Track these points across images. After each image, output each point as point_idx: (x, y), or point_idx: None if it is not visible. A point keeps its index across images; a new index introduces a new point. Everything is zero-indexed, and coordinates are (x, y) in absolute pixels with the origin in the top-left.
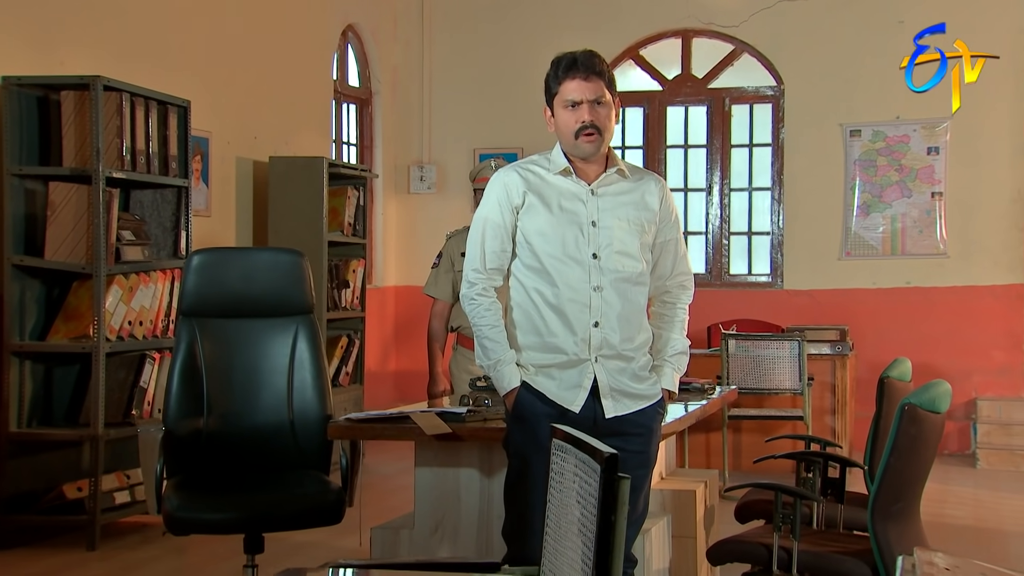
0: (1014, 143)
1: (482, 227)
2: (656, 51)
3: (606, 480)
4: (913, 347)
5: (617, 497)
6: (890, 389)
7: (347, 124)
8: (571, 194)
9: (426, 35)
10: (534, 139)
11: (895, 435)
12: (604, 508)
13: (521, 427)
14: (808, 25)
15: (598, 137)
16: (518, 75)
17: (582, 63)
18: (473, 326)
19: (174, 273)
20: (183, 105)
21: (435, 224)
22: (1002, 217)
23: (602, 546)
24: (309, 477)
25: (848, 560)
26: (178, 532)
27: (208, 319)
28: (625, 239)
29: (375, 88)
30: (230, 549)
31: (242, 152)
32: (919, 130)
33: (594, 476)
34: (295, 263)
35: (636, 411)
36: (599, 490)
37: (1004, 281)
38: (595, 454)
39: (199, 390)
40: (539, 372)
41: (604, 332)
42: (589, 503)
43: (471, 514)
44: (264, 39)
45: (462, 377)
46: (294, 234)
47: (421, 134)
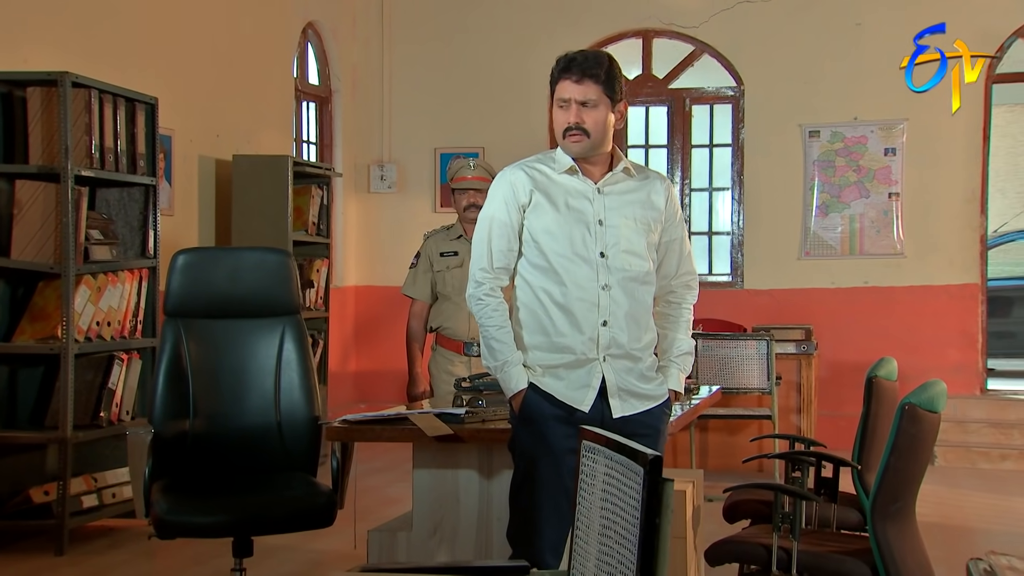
0: (968, 144)
1: (488, 226)
2: (617, 51)
3: (650, 483)
4: (871, 346)
5: (661, 500)
6: (879, 389)
7: (307, 123)
8: (578, 192)
9: (386, 33)
10: (495, 139)
11: (895, 435)
12: (648, 511)
13: (528, 429)
14: (768, 26)
15: (583, 138)
16: (479, 74)
17: (577, 64)
18: (480, 327)
19: (141, 273)
20: (150, 102)
21: (396, 224)
22: (957, 217)
23: (647, 550)
24: (298, 479)
25: (848, 560)
26: (167, 536)
27: (193, 320)
28: (632, 238)
29: (335, 86)
30: (203, 553)
31: (205, 150)
32: (876, 131)
33: (633, 478)
34: (281, 263)
35: (643, 411)
36: (643, 493)
37: (959, 281)
38: (637, 456)
39: (185, 391)
40: (546, 373)
41: (612, 331)
42: (626, 505)
43: (470, 516)
44: (225, 36)
45: (441, 377)
46: (258, 233)
47: (381, 133)
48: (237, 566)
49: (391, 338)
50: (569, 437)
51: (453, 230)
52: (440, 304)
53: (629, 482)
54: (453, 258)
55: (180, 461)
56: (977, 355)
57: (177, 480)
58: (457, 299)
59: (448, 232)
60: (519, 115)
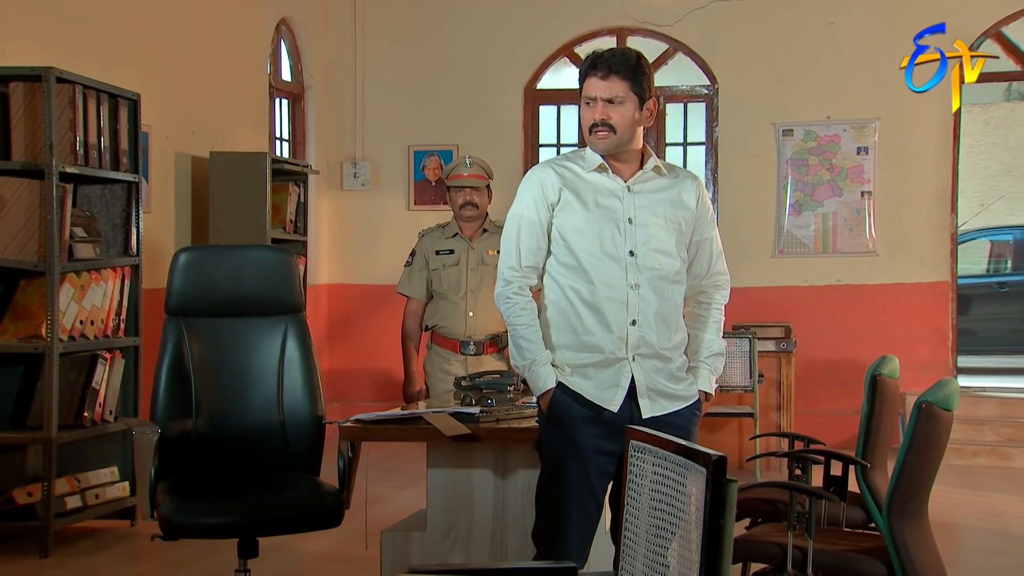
0: (939, 143)
1: (517, 224)
2: (591, 49)
3: (715, 483)
4: (843, 343)
5: (725, 500)
6: (883, 387)
7: (280, 119)
8: (607, 191)
9: (359, 30)
10: (469, 136)
11: (912, 433)
12: (713, 512)
13: (555, 428)
14: (741, 25)
15: (609, 134)
16: (453, 72)
17: (604, 62)
18: (508, 325)
19: (124, 271)
20: (133, 98)
21: (369, 221)
22: (928, 216)
23: (711, 551)
24: (302, 479)
25: (864, 559)
26: (174, 537)
27: (195, 318)
28: (662, 236)
29: (308, 83)
30: (191, 554)
31: (181, 147)
32: (849, 130)
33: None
34: (284, 261)
35: (672, 412)
36: (706, 494)
37: (930, 279)
38: (698, 457)
39: (187, 391)
40: (575, 372)
41: (642, 330)
42: (682, 505)
43: (485, 516)
44: (201, 32)
45: (437, 376)
46: (236, 231)
47: (354, 130)
48: (242, 567)
49: (364, 337)
50: (597, 437)
51: (448, 228)
52: (436, 302)
53: (683, 481)
54: (449, 256)
55: (183, 461)
56: (948, 352)
57: (182, 480)
58: (453, 297)
59: (444, 230)
60: (493, 113)
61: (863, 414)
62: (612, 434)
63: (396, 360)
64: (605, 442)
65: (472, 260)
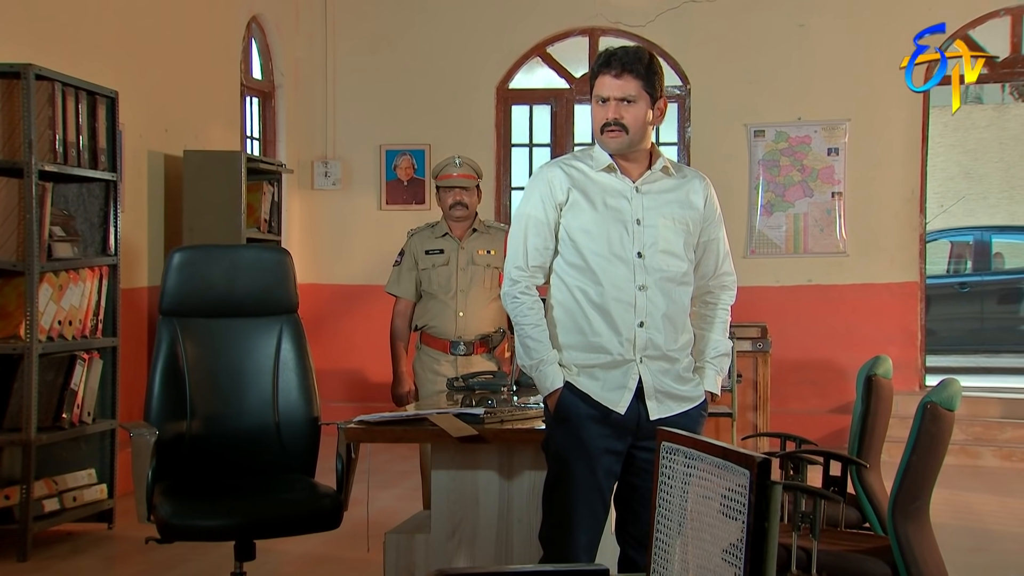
0: (908, 144)
1: (524, 224)
2: (563, 49)
3: (759, 485)
4: (814, 343)
5: (770, 502)
6: (877, 387)
7: (250, 117)
8: (615, 191)
9: (329, 28)
10: (441, 136)
11: (916, 434)
12: (758, 514)
13: (563, 429)
14: (713, 26)
15: (621, 134)
16: (425, 71)
17: (617, 60)
18: (515, 325)
19: (102, 271)
20: (111, 96)
21: (340, 221)
22: (897, 217)
23: (756, 553)
24: (298, 481)
25: (868, 560)
26: (171, 539)
27: (190, 319)
28: (670, 238)
29: (278, 81)
30: (173, 556)
31: (154, 146)
32: (820, 131)
33: (728, 479)
34: (279, 261)
35: (680, 413)
36: (750, 495)
37: (900, 279)
38: (740, 459)
39: (182, 392)
40: (582, 372)
41: (649, 332)
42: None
43: (490, 518)
44: (173, 29)
45: (427, 377)
46: (210, 230)
47: (325, 129)
48: (238, 569)
49: (336, 337)
50: (604, 437)
51: (438, 228)
52: (426, 302)
53: (722, 483)
54: (439, 256)
55: (178, 463)
56: (917, 352)
57: (178, 482)
58: (443, 297)
59: (433, 230)
60: (466, 112)
61: (857, 414)
62: (619, 434)
63: (368, 360)
64: (612, 442)
65: (462, 260)
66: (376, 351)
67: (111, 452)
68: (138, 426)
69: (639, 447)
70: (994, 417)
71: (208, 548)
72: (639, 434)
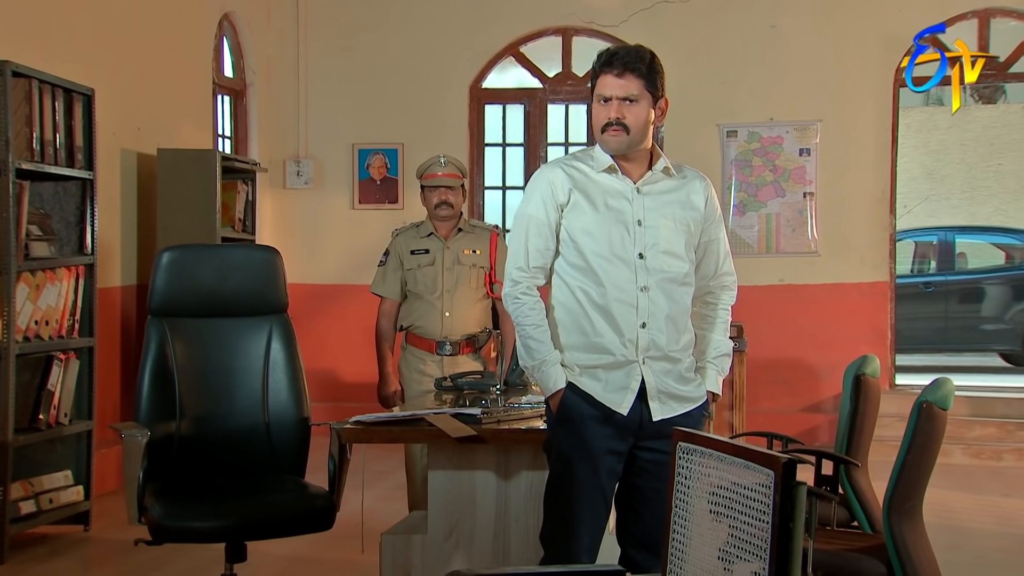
0: (878, 145)
1: (526, 225)
2: (537, 48)
3: (784, 487)
4: (785, 343)
5: (795, 504)
6: (866, 386)
7: (222, 116)
8: (616, 192)
9: (301, 26)
10: (414, 135)
11: (912, 433)
12: (783, 515)
13: (566, 429)
14: (686, 27)
15: (623, 134)
16: (398, 70)
17: (619, 59)
18: (517, 326)
19: (78, 270)
20: (87, 93)
21: (313, 220)
22: (868, 217)
23: (782, 554)
24: (289, 482)
25: (863, 559)
26: (162, 541)
27: (178, 319)
28: (671, 239)
29: (250, 79)
30: (152, 560)
31: (127, 144)
32: (791, 132)
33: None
34: (268, 260)
35: (682, 414)
36: (775, 496)
37: (870, 279)
38: (765, 460)
39: (171, 393)
40: (584, 373)
41: (651, 333)
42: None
43: (487, 518)
44: (145, 26)
45: (412, 377)
46: (185, 230)
47: (297, 127)
48: (228, 571)
49: (308, 337)
50: (607, 437)
51: (423, 227)
52: (411, 303)
53: (744, 484)
54: (424, 256)
55: (168, 464)
56: (887, 351)
57: (168, 484)
58: (429, 297)
59: (418, 230)
60: (439, 112)
61: (846, 414)
62: (621, 434)
63: (341, 360)
64: (615, 442)
65: (448, 260)
66: (349, 351)
67: (87, 453)
68: (129, 427)
69: (641, 447)
70: (963, 416)
71: (188, 550)
72: (641, 435)
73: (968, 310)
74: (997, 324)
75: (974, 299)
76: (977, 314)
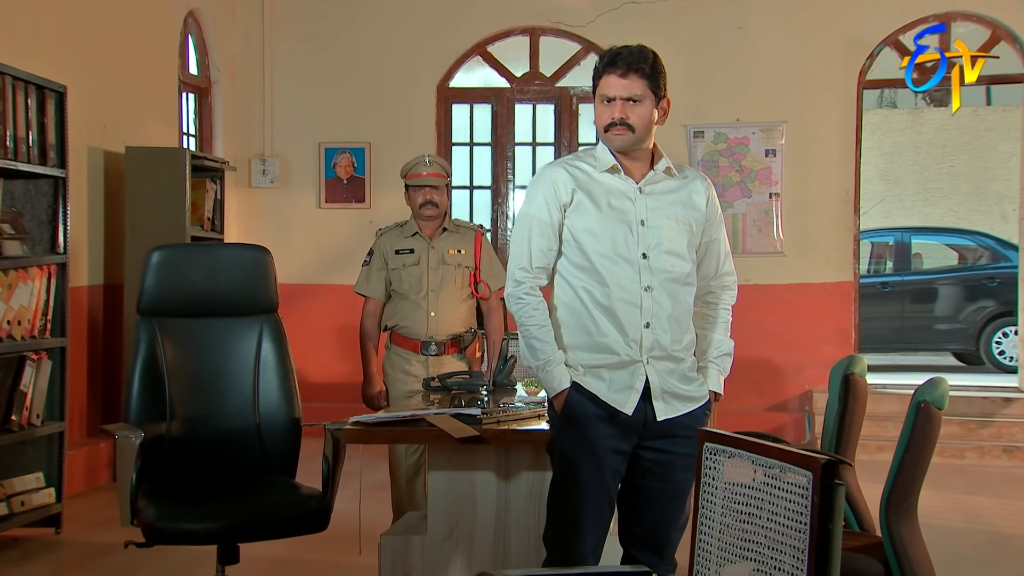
0: (843, 146)
1: (528, 225)
2: (504, 48)
3: (824, 487)
4: (751, 342)
5: (834, 504)
6: (855, 386)
7: (187, 114)
8: (619, 192)
9: (267, 23)
10: (381, 134)
11: (911, 432)
12: (822, 516)
13: (570, 429)
14: (653, 27)
15: (627, 132)
16: (365, 68)
17: (623, 59)
18: (520, 326)
19: (51, 269)
20: (59, 90)
21: (279, 219)
22: (832, 217)
23: (821, 555)
24: (281, 483)
25: (860, 558)
26: (155, 543)
27: (169, 319)
28: (674, 239)
29: (215, 77)
30: (127, 563)
31: (94, 142)
32: (757, 132)
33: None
34: (259, 260)
35: (686, 413)
36: (814, 496)
37: (835, 279)
38: (803, 461)
39: (161, 393)
40: (588, 372)
41: (655, 333)
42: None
43: (487, 519)
44: (111, 22)
45: (397, 377)
46: (154, 229)
47: (263, 126)
48: (220, 573)
49: None
50: (611, 437)
51: (407, 227)
52: (396, 302)
53: (778, 485)
54: (409, 255)
55: (158, 465)
56: (851, 350)
57: (159, 485)
58: (415, 297)
59: (402, 229)
60: (406, 111)
61: (835, 413)
62: (625, 434)
63: (309, 359)
64: (619, 442)
65: (433, 260)
66: (317, 350)
67: (59, 455)
68: (121, 428)
69: (645, 447)
70: None
71: (165, 553)
72: (645, 434)
73: (923, 310)
74: (951, 324)
75: (927, 299)
76: (932, 314)
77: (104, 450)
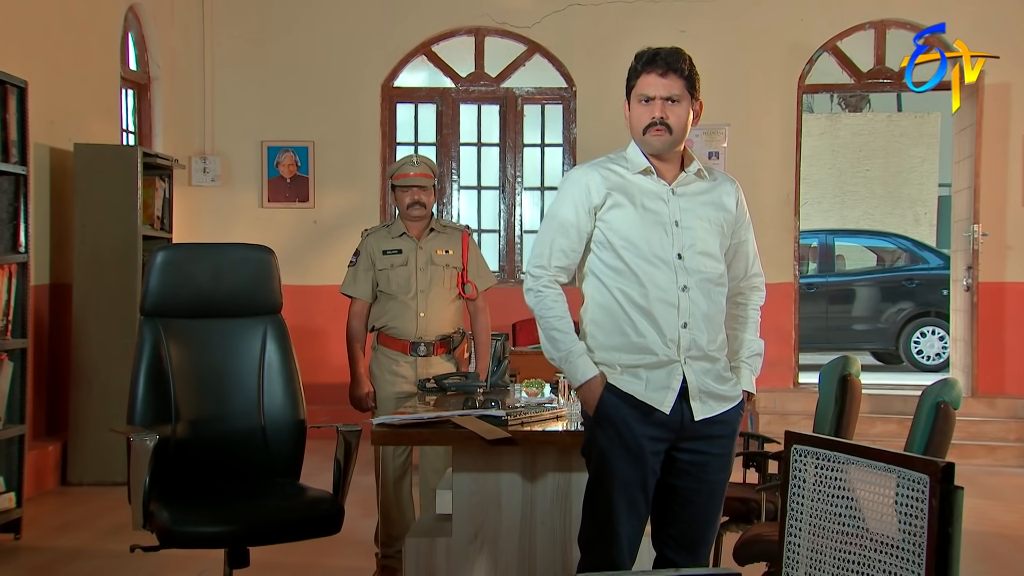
0: (783, 149)
1: (554, 225)
2: (449, 48)
3: (943, 491)
4: None
5: (953, 508)
6: (851, 387)
7: (126, 110)
8: (653, 194)
9: (207, 19)
10: (325, 133)
11: (930, 432)
12: (941, 521)
13: (605, 429)
14: (598, 29)
15: (666, 134)
16: (308, 67)
17: (662, 59)
18: (539, 319)
19: (11, 269)
20: (20, 86)
21: (220, 218)
22: (774, 219)
23: (941, 560)
24: (289, 485)
25: None
26: (169, 546)
27: (173, 319)
28: (707, 239)
29: (154, 73)
30: (96, 570)
31: (40, 138)
32: (701, 135)
33: (890, 482)
34: (264, 260)
35: (721, 413)
36: (932, 500)
37: (776, 280)
38: (920, 464)
39: (166, 394)
40: (625, 371)
41: (692, 333)
42: (883, 512)
43: (512, 520)
44: (54, 17)
45: (384, 378)
46: (105, 228)
47: (204, 124)
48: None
49: None
50: (647, 437)
51: (395, 227)
52: (384, 303)
53: (886, 487)
54: (397, 256)
55: (162, 467)
56: (791, 350)
57: (170, 488)
58: (403, 298)
59: (389, 230)
60: (350, 110)
61: (831, 414)
62: (662, 433)
63: None
64: (655, 442)
65: (421, 260)
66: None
67: (19, 459)
68: (134, 431)
69: (680, 448)
70: (864, 413)
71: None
72: (682, 434)
73: (845, 310)
74: (872, 324)
75: (851, 300)
76: (852, 314)
77: (52, 453)
